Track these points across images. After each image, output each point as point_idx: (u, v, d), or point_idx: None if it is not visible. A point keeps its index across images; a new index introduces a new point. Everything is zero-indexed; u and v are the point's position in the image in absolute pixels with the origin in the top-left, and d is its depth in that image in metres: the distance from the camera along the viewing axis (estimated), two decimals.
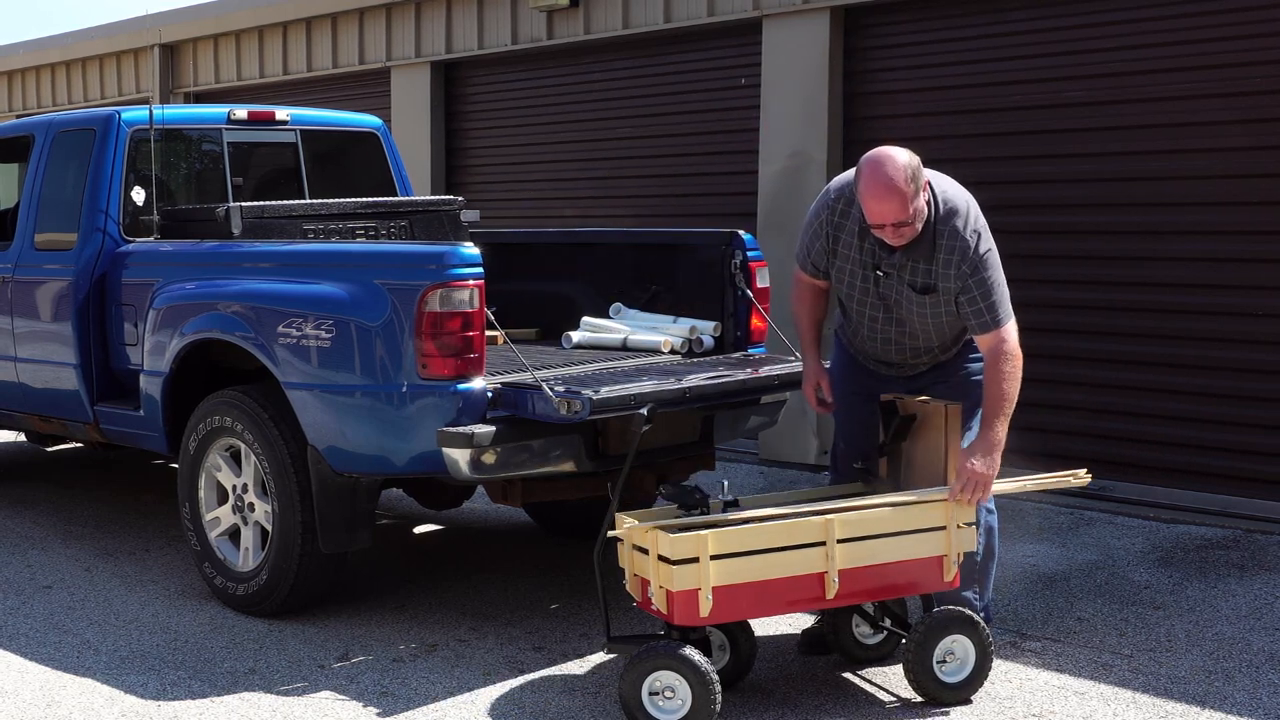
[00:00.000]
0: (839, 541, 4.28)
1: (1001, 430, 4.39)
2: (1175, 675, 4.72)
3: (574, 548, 6.42)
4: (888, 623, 4.76)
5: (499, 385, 4.87)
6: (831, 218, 4.62)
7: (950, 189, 4.55)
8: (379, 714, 4.49)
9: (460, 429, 4.74)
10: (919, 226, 4.42)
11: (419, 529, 7.05)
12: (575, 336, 5.90)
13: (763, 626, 5.02)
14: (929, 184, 4.45)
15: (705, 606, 4.17)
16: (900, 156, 4.35)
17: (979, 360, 4.65)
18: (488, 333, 4.96)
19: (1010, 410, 4.42)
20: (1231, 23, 6.73)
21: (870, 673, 4.74)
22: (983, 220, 4.54)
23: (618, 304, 6.09)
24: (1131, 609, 5.45)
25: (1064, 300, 7.31)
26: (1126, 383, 7.14)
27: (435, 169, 11.10)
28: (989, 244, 4.50)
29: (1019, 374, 4.43)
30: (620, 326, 5.92)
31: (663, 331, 5.76)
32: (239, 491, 5.54)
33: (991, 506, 4.79)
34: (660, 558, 4.19)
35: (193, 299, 5.70)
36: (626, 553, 4.41)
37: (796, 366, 5.43)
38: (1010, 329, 4.47)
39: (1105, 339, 7.20)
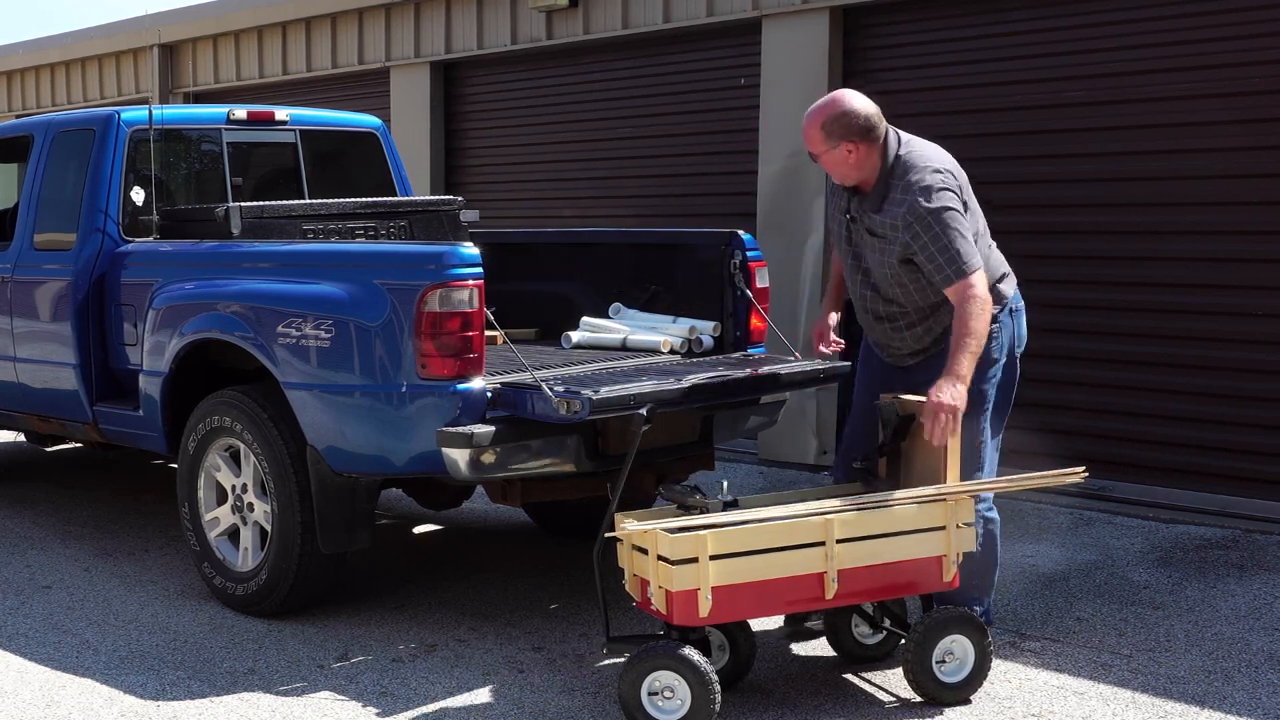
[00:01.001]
0: (838, 541, 4.28)
1: (967, 364, 4.43)
2: (1174, 675, 4.72)
3: (574, 548, 6.42)
4: (887, 623, 4.76)
5: (499, 385, 4.87)
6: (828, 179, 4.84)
7: (921, 148, 4.67)
8: (379, 714, 4.49)
9: (460, 429, 4.74)
10: (841, 171, 4.62)
11: (419, 529, 7.05)
12: (575, 336, 5.89)
13: (763, 626, 5.02)
14: (890, 138, 4.60)
15: (705, 606, 4.17)
16: (840, 100, 4.59)
17: (985, 355, 4.63)
18: (487, 333, 4.96)
19: (976, 347, 4.46)
20: (1231, 23, 6.73)
21: (870, 673, 4.74)
22: (944, 180, 4.56)
23: (617, 304, 6.08)
24: (1131, 609, 5.45)
25: (1064, 300, 7.31)
26: (1126, 383, 7.14)
27: (435, 169, 11.10)
28: (943, 201, 4.50)
29: (986, 315, 4.46)
30: (620, 326, 5.91)
31: (662, 331, 5.76)
32: (238, 491, 5.54)
33: (994, 515, 4.79)
34: (660, 558, 4.19)
35: (192, 299, 5.70)
36: (626, 553, 4.41)
37: (796, 366, 5.43)
38: (974, 279, 4.46)
39: (1105, 339, 7.20)
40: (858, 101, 4.59)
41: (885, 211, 4.57)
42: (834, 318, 4.99)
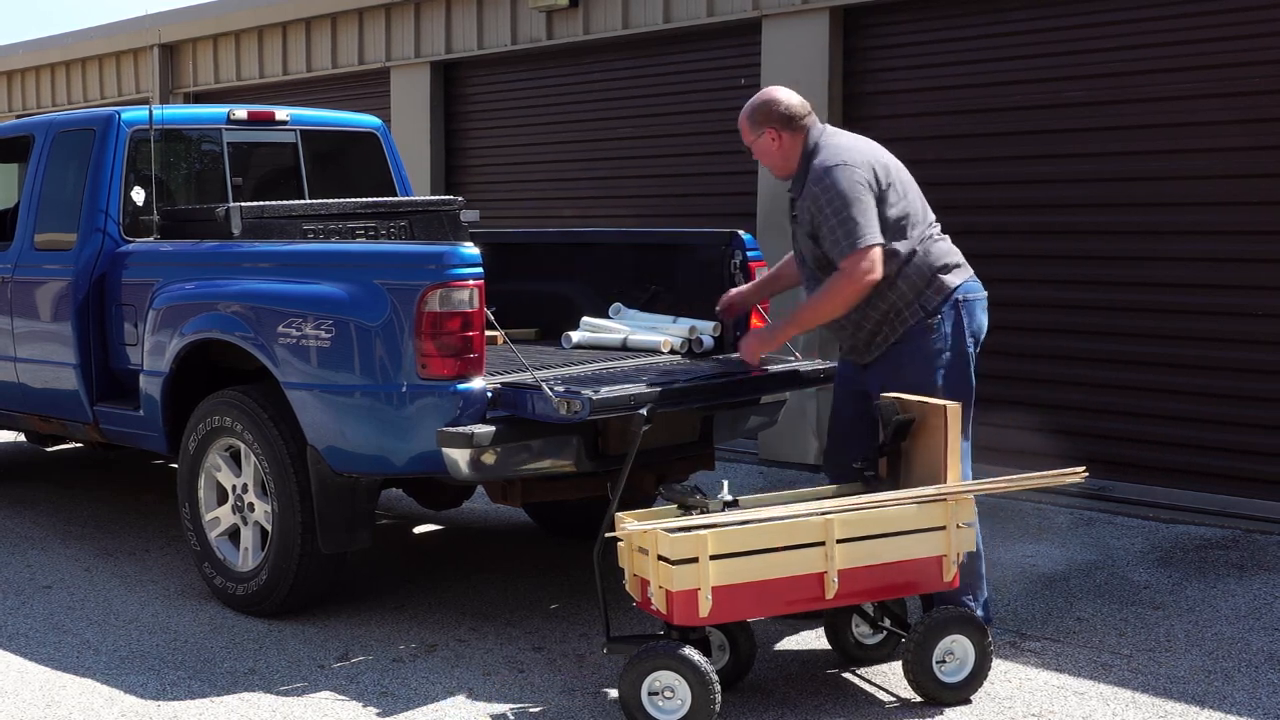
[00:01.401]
0: (838, 541, 4.28)
1: (790, 332, 4.96)
2: (1175, 675, 4.72)
3: (574, 548, 6.42)
4: (887, 623, 4.76)
5: (499, 385, 4.87)
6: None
7: (838, 138, 4.87)
8: (379, 714, 4.49)
9: (460, 429, 4.74)
10: (767, 162, 4.94)
11: (419, 529, 7.05)
12: (575, 336, 5.88)
13: (763, 627, 5.02)
14: (813, 130, 4.84)
15: (705, 606, 4.17)
16: (767, 93, 4.92)
17: (912, 357, 4.75)
18: (488, 333, 4.96)
19: (810, 319, 4.87)
20: (1231, 23, 6.73)
21: (870, 673, 4.74)
22: (850, 159, 4.71)
23: (617, 304, 6.07)
24: (1131, 609, 5.45)
25: (1064, 300, 7.32)
26: (1126, 383, 7.14)
27: (435, 169, 11.10)
28: (844, 175, 4.66)
29: (848, 296, 4.66)
30: (620, 326, 5.91)
31: (662, 331, 5.76)
32: (239, 491, 5.54)
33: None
34: (660, 558, 4.20)
35: (192, 299, 5.70)
36: (626, 553, 4.41)
37: (797, 366, 5.44)
38: (868, 255, 4.61)
39: (1105, 339, 7.20)
40: (782, 93, 4.91)
41: (802, 195, 4.78)
42: (746, 295, 5.42)
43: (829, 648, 4.85)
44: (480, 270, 4.87)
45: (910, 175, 4.93)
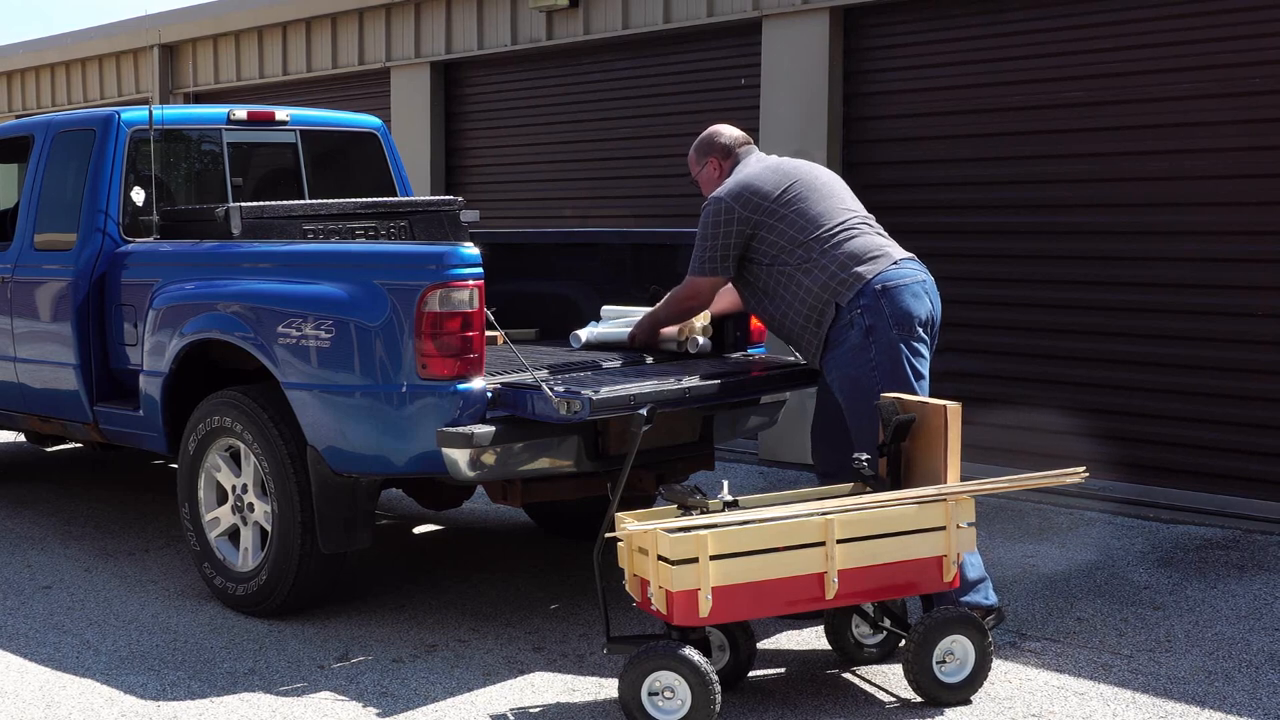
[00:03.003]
0: (839, 542, 4.28)
1: (650, 321, 5.49)
2: (1175, 675, 4.72)
3: (574, 548, 6.42)
4: (887, 623, 4.76)
5: (499, 385, 4.87)
6: None
7: (745, 169, 5.24)
8: (379, 714, 4.49)
9: (460, 429, 4.74)
10: (707, 186, 5.39)
11: (419, 529, 7.05)
12: (584, 335, 5.81)
13: (763, 627, 5.02)
14: (737, 160, 5.31)
15: (705, 607, 4.17)
16: (710, 129, 5.43)
17: (843, 356, 4.88)
18: (488, 333, 4.96)
19: (663, 316, 5.43)
20: (1231, 23, 6.73)
21: (870, 673, 4.74)
22: (722, 193, 5.13)
23: (607, 307, 6.03)
24: (1131, 609, 5.45)
25: (1064, 300, 7.31)
26: (1127, 383, 7.14)
27: (435, 169, 11.10)
28: (709, 213, 5.12)
29: (681, 307, 5.36)
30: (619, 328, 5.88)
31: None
32: (238, 492, 5.54)
33: None
34: (660, 558, 4.19)
35: (192, 299, 5.70)
36: (626, 553, 4.41)
37: (796, 366, 5.44)
38: (694, 282, 5.20)
39: (1105, 339, 7.20)
40: (725, 128, 5.43)
41: None
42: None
43: (829, 648, 4.85)
44: (480, 270, 4.87)
45: (829, 177, 5.22)
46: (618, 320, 5.82)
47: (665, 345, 5.63)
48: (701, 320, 5.59)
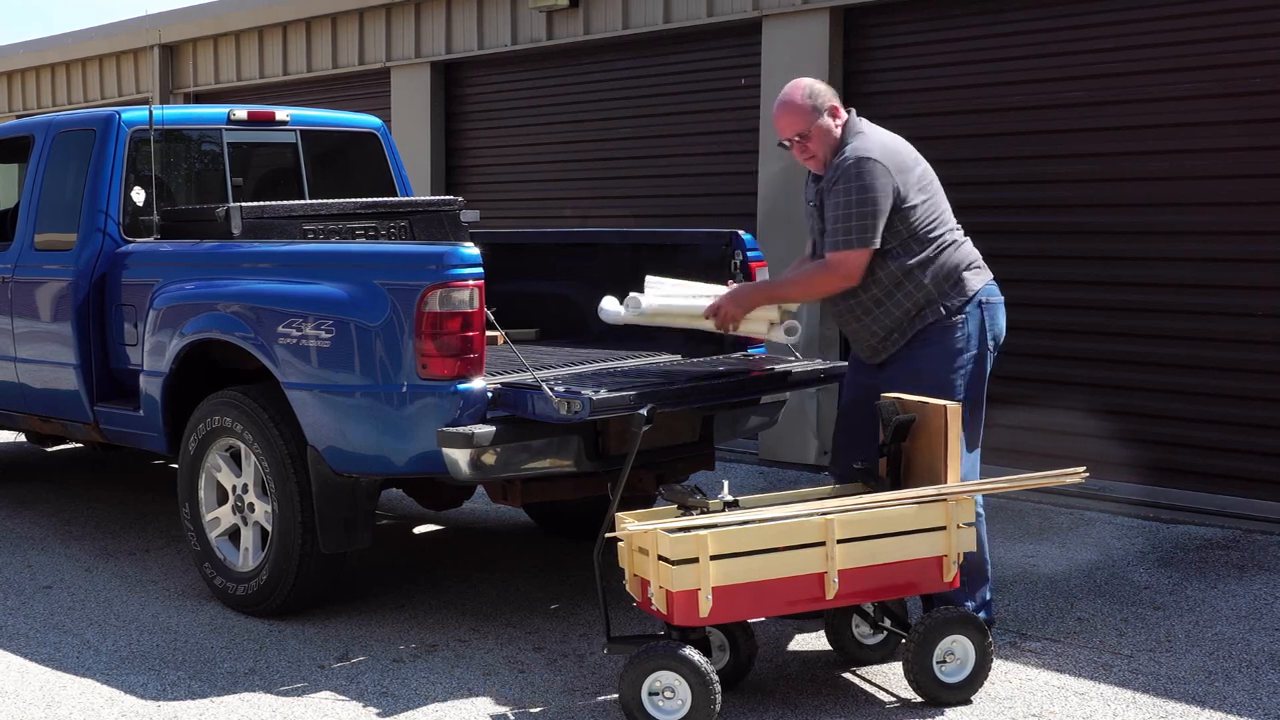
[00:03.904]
0: (839, 542, 4.28)
1: (763, 296, 4.93)
2: (1175, 675, 4.72)
3: (574, 548, 6.42)
4: (888, 623, 4.76)
5: (499, 385, 4.87)
6: (807, 173, 5.00)
7: (876, 131, 4.81)
8: (379, 714, 4.49)
9: (460, 429, 4.74)
10: (823, 149, 4.79)
11: (419, 529, 7.05)
12: (642, 301, 5.01)
13: (763, 626, 5.02)
14: (851, 114, 4.82)
15: (705, 607, 4.17)
16: (804, 79, 4.84)
17: (932, 352, 4.76)
18: (488, 333, 4.96)
19: (784, 294, 4.91)
20: (1231, 23, 6.73)
21: (870, 673, 4.74)
22: (878, 159, 4.65)
23: (651, 276, 5.18)
24: (1131, 609, 5.45)
25: (1064, 300, 7.31)
26: (1127, 383, 7.14)
27: (435, 169, 11.10)
28: (871, 176, 4.62)
29: (822, 287, 4.82)
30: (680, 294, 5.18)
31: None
32: (239, 492, 5.54)
33: (980, 509, 4.81)
34: (660, 558, 4.20)
35: (193, 299, 5.70)
36: (626, 553, 4.41)
37: (796, 366, 5.44)
38: (849, 258, 4.65)
39: (1105, 339, 7.20)
40: (807, 78, 4.90)
41: (826, 182, 4.75)
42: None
43: (829, 648, 4.85)
44: (480, 270, 4.87)
45: (935, 175, 4.90)
46: (675, 292, 5.09)
47: (750, 329, 5.02)
48: (792, 305, 5.11)
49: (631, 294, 5.02)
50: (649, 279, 5.10)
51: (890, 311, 4.77)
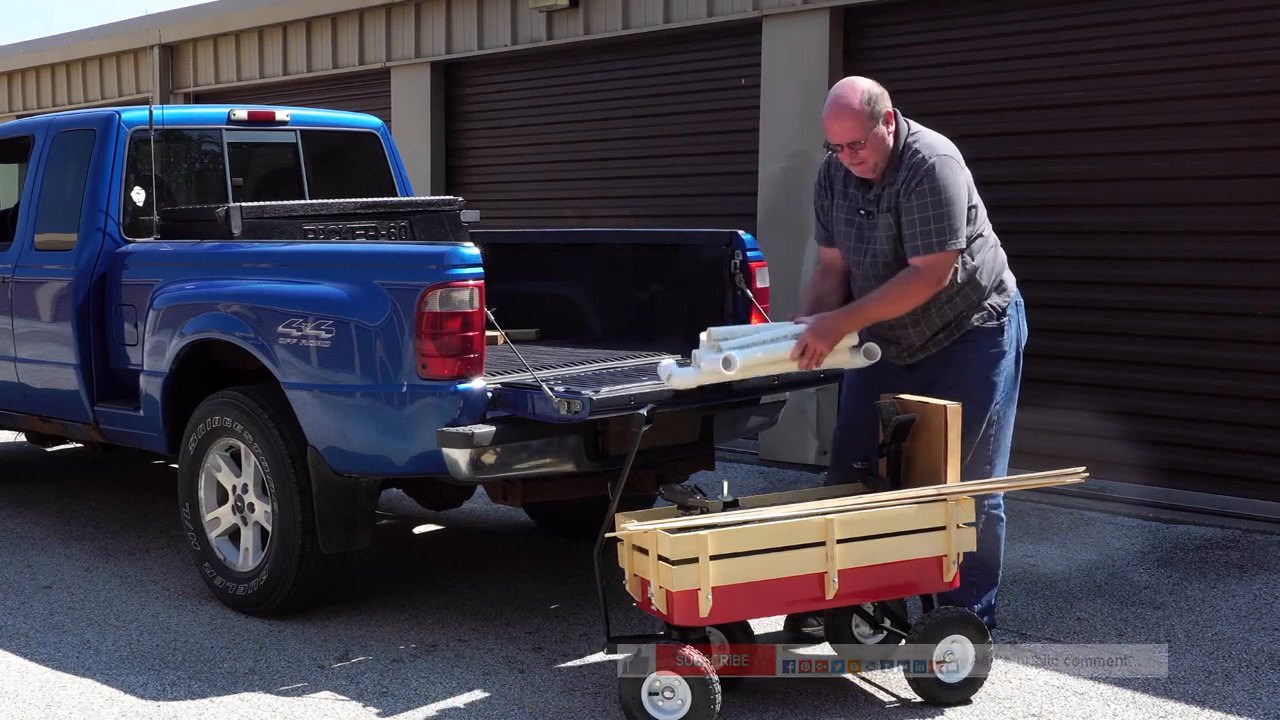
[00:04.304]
0: (839, 542, 4.28)
1: (852, 323, 4.58)
2: (1175, 675, 4.72)
3: (574, 548, 6.42)
4: (887, 623, 4.76)
5: (499, 385, 4.87)
6: (828, 170, 4.87)
7: (927, 131, 4.69)
8: (379, 714, 4.49)
9: (460, 429, 4.74)
10: (876, 157, 4.61)
11: (419, 529, 7.05)
12: (737, 359, 4.43)
13: (763, 627, 5.02)
14: (897, 116, 4.66)
15: (705, 606, 4.17)
16: (860, 81, 4.66)
17: (980, 354, 4.72)
18: (488, 333, 4.96)
19: (874, 315, 4.58)
20: (1232, 23, 6.73)
21: (870, 673, 4.74)
22: (953, 156, 4.60)
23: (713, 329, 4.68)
24: (1131, 609, 5.45)
25: (1064, 300, 7.31)
26: (1127, 383, 7.14)
27: (435, 169, 11.10)
28: (949, 174, 4.53)
29: (918, 296, 4.54)
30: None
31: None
32: (239, 492, 5.54)
33: (1002, 514, 4.81)
34: (660, 558, 4.20)
35: (193, 299, 5.70)
36: (626, 553, 4.41)
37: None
38: (942, 260, 4.51)
39: (1105, 339, 7.20)
40: (858, 78, 4.72)
41: (895, 183, 4.59)
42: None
43: (829, 648, 4.85)
44: (480, 270, 4.87)
45: None
46: (747, 340, 4.58)
47: (833, 360, 4.65)
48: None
49: (721, 354, 4.43)
50: (712, 332, 4.57)
51: (946, 313, 4.70)
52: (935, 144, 4.64)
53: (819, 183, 4.95)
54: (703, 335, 4.57)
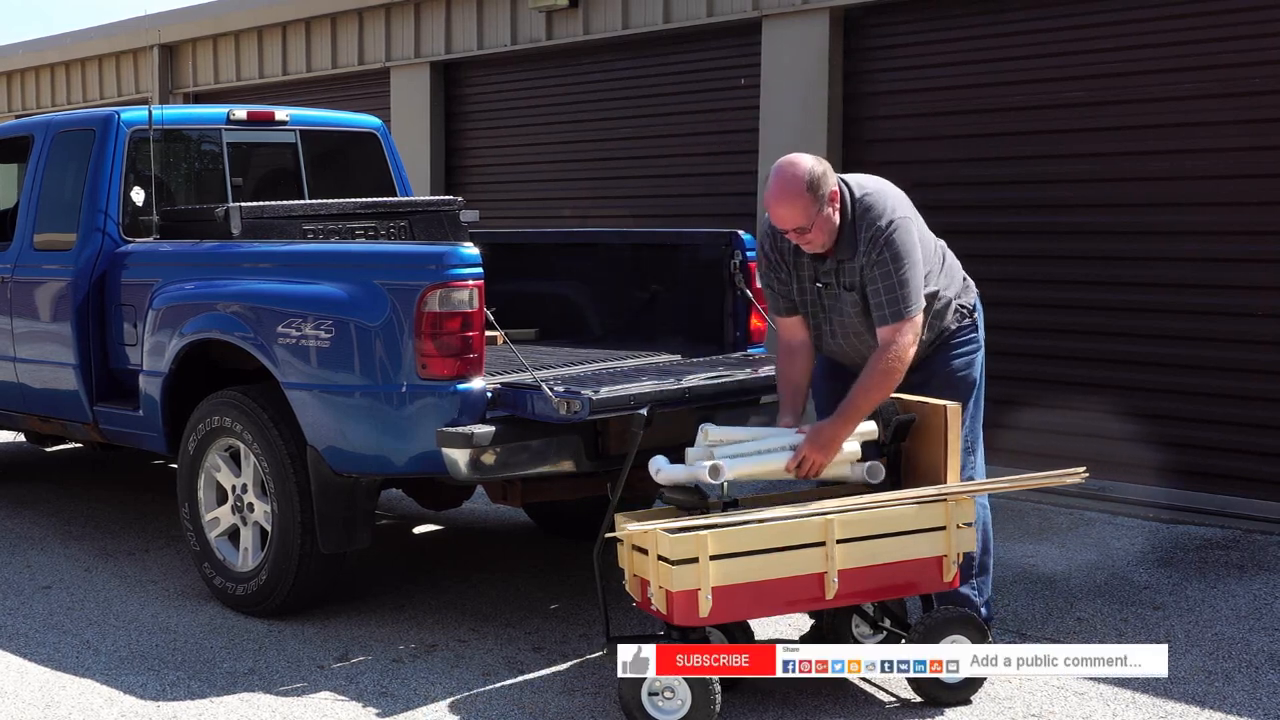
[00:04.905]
0: (839, 542, 4.28)
1: (850, 427, 4.44)
2: (1175, 675, 4.71)
3: (574, 548, 6.42)
4: (887, 623, 4.76)
5: (499, 385, 4.87)
6: (773, 241, 4.67)
7: (871, 185, 4.57)
8: (379, 714, 4.49)
9: (459, 429, 4.74)
10: (824, 237, 4.47)
11: (419, 529, 7.05)
12: (724, 470, 4.36)
13: (763, 627, 5.02)
14: (843, 186, 4.50)
15: (705, 607, 4.16)
16: (803, 162, 4.43)
17: (962, 355, 4.74)
18: (487, 333, 4.96)
19: (866, 410, 4.46)
20: (1232, 23, 6.73)
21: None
22: (907, 214, 4.53)
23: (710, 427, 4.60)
24: (1131, 609, 5.45)
25: (1064, 300, 7.31)
26: (1127, 383, 7.14)
27: (435, 169, 11.11)
28: (906, 237, 4.45)
29: (894, 378, 4.44)
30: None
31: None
32: (238, 492, 5.54)
33: (984, 501, 4.82)
34: (660, 558, 4.19)
35: (192, 299, 5.70)
36: (626, 553, 4.41)
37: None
38: (907, 328, 4.43)
39: (1105, 339, 7.20)
40: (800, 157, 4.47)
41: (859, 253, 4.48)
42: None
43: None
44: (480, 270, 4.87)
45: None
46: (744, 448, 4.52)
47: (833, 473, 4.53)
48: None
49: (711, 462, 4.35)
50: (709, 430, 4.51)
51: (925, 335, 4.67)
52: (885, 202, 4.49)
53: (764, 258, 4.73)
54: (699, 432, 4.52)
